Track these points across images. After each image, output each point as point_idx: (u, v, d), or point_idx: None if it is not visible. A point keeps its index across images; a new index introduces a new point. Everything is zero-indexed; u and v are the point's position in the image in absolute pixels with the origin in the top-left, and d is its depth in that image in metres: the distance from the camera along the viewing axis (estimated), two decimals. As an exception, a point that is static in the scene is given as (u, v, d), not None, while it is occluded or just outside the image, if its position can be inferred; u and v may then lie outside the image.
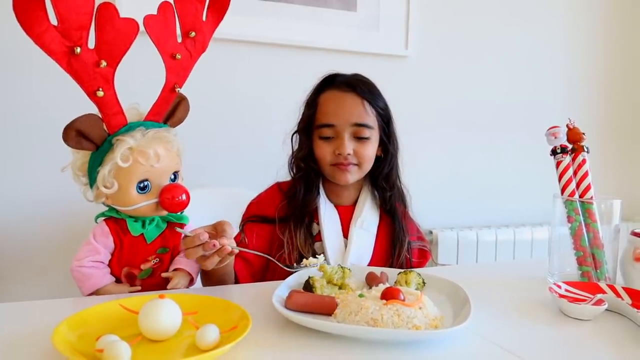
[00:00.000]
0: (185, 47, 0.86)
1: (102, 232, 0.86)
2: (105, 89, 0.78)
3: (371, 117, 1.06)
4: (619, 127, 2.18)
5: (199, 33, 0.87)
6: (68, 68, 0.75)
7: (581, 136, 0.95)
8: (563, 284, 0.83)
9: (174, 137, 0.86)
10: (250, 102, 1.63)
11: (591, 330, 0.72)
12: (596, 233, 0.90)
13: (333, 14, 1.69)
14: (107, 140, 0.81)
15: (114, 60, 0.78)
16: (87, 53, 0.75)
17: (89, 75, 0.76)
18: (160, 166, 0.82)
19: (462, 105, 1.94)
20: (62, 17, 0.72)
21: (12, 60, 1.38)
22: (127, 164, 0.79)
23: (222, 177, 1.60)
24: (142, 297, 0.70)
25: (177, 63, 0.85)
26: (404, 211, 1.14)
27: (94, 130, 0.79)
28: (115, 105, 0.81)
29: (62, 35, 0.72)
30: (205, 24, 0.88)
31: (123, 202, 0.83)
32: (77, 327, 0.62)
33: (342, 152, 1.04)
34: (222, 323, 0.62)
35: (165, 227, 0.89)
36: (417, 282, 0.83)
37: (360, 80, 1.09)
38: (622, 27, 2.15)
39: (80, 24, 0.73)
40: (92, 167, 0.83)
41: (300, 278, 0.84)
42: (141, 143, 0.81)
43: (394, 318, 0.65)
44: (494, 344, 0.65)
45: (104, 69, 0.77)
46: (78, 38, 0.74)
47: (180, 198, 0.83)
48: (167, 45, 0.84)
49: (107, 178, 0.80)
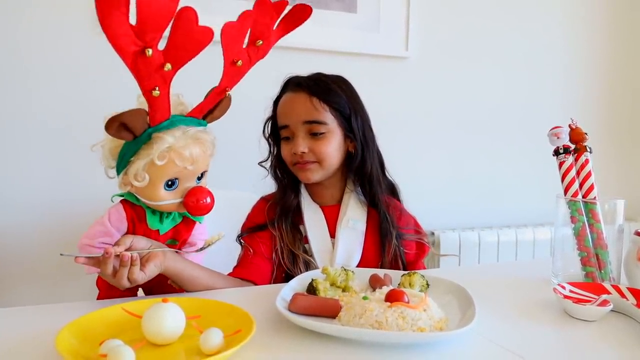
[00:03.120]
0: (248, 53, 0.85)
1: (118, 215, 0.84)
2: (162, 88, 0.76)
3: (323, 113, 1.05)
4: (619, 127, 2.18)
5: (265, 41, 0.86)
6: (132, 66, 0.72)
7: (584, 136, 0.95)
8: (567, 285, 0.83)
9: (212, 140, 0.86)
10: (248, 104, 1.62)
11: (596, 331, 0.71)
12: (600, 233, 0.89)
13: (333, 16, 1.69)
14: (147, 133, 0.78)
15: (179, 64, 0.76)
16: (155, 54, 0.73)
17: (150, 75, 0.74)
18: (193, 168, 0.82)
19: (463, 107, 1.94)
20: (142, 18, 0.69)
21: (11, 62, 1.38)
22: (163, 162, 0.78)
23: (223, 180, 1.59)
24: (145, 301, 0.70)
25: (236, 69, 0.84)
26: (394, 203, 1.13)
27: (139, 123, 0.77)
28: (165, 103, 0.78)
29: (137, 35, 0.70)
30: (274, 32, 0.88)
31: (148, 196, 0.81)
32: (80, 332, 0.62)
33: (295, 150, 1.05)
34: (226, 326, 0.62)
35: (180, 221, 0.89)
36: (420, 284, 0.82)
37: (312, 78, 1.09)
38: (620, 27, 2.15)
39: (158, 26, 0.70)
40: (125, 155, 0.80)
41: (304, 281, 0.83)
42: (180, 143, 0.79)
43: (398, 320, 0.65)
44: (499, 346, 0.65)
45: (167, 71, 0.75)
46: (151, 39, 0.71)
47: (204, 201, 0.82)
48: (233, 51, 0.82)
49: (140, 172, 0.79)
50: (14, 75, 1.39)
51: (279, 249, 1.04)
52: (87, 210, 1.38)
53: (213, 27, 0.75)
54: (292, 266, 1.03)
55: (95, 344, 0.58)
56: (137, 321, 0.62)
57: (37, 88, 1.41)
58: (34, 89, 1.41)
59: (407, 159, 1.85)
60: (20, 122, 1.40)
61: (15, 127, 1.40)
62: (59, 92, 1.43)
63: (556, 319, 0.76)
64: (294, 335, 0.66)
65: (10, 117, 1.40)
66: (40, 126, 1.41)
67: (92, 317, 0.66)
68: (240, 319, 0.65)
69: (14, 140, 1.40)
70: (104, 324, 0.65)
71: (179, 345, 0.63)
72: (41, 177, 1.42)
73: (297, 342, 0.65)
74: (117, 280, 0.75)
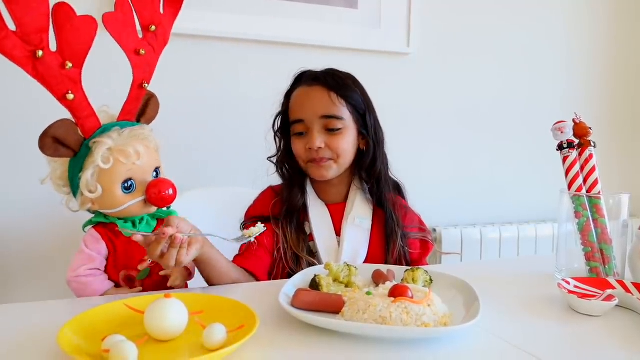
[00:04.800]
0: (148, 42, 0.85)
1: (93, 238, 0.85)
2: (74, 91, 0.77)
3: (340, 109, 1.03)
4: (622, 123, 2.17)
5: (159, 26, 0.86)
6: (34, 73, 0.73)
7: (588, 131, 0.94)
8: (572, 280, 0.83)
9: (150, 133, 0.86)
10: (250, 101, 1.62)
11: (601, 326, 0.71)
12: (604, 228, 0.89)
13: (334, 12, 1.68)
14: (84, 145, 0.80)
15: (79, 61, 0.77)
16: (50, 56, 0.74)
17: (56, 79, 0.75)
18: (141, 163, 0.82)
19: (465, 103, 1.93)
20: (19, 21, 0.70)
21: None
22: (109, 165, 0.79)
23: (223, 177, 1.59)
24: (148, 297, 0.69)
25: (142, 59, 0.84)
26: (400, 202, 1.12)
27: (70, 135, 0.78)
28: (87, 107, 0.79)
29: (22, 40, 0.71)
30: (164, 16, 0.88)
31: (110, 205, 0.82)
32: (82, 328, 0.61)
33: (312, 146, 1.02)
34: (229, 322, 0.62)
35: (155, 225, 0.88)
36: (424, 280, 0.82)
37: (328, 73, 1.07)
38: (623, 21, 2.14)
39: (39, 27, 0.71)
40: (73, 174, 0.81)
41: (306, 276, 0.83)
42: (119, 142, 0.80)
43: (402, 316, 0.64)
44: (504, 341, 0.65)
45: (70, 70, 0.75)
46: (39, 41, 0.72)
47: (167, 192, 0.82)
48: (129, 41, 0.83)
49: (90, 182, 0.79)
50: (15, 71, 1.38)
51: (282, 248, 1.03)
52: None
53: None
54: (295, 267, 1.01)
55: (98, 340, 0.57)
56: (139, 317, 0.62)
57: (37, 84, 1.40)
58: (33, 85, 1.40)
59: (409, 155, 1.84)
60: (20, 119, 1.39)
61: (17, 123, 1.39)
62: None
63: (560, 314, 0.75)
64: (297, 331, 0.66)
65: (12, 113, 1.39)
66: (40, 122, 1.40)
67: (94, 313, 0.66)
68: (243, 315, 0.65)
69: (13, 138, 1.40)
70: (106, 319, 0.65)
71: (182, 340, 0.62)
72: (44, 172, 1.42)
73: (301, 337, 0.65)
74: (166, 261, 0.76)
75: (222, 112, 1.59)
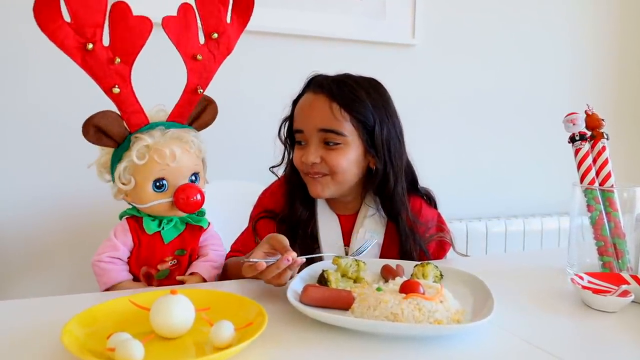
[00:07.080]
0: (208, 48, 0.86)
1: (122, 229, 0.87)
2: (122, 86, 0.79)
3: (342, 123, 0.93)
4: (631, 114, 2.14)
5: (223, 35, 0.87)
6: (83, 64, 0.76)
7: (600, 122, 0.92)
8: (585, 275, 0.81)
9: (193, 137, 0.86)
10: (255, 94, 1.60)
11: (617, 322, 0.70)
12: (617, 222, 0.87)
13: (338, 3, 1.65)
14: (127, 138, 0.82)
15: (129, 58, 0.79)
16: (101, 50, 0.77)
17: (103, 72, 0.78)
18: (176, 166, 0.82)
19: (470, 95, 1.91)
20: (75, 14, 0.74)
21: (14, 54, 1.36)
22: (143, 162, 0.80)
23: (233, 171, 1.57)
24: (153, 293, 0.68)
25: (199, 64, 0.86)
26: (414, 204, 1.05)
27: (114, 127, 0.81)
28: (134, 103, 0.82)
29: (76, 32, 0.74)
30: (230, 26, 0.88)
31: (140, 199, 0.84)
32: (86, 325, 0.60)
33: (305, 160, 0.95)
34: (237, 319, 0.60)
35: (184, 229, 0.89)
36: (434, 275, 0.80)
37: (336, 80, 0.96)
38: (629, 10, 2.11)
39: (94, 22, 0.75)
40: (113, 164, 0.84)
41: (314, 272, 0.81)
42: (158, 141, 0.82)
43: (414, 312, 0.63)
44: (518, 337, 0.63)
45: (119, 65, 0.78)
46: (92, 35, 0.75)
47: (194, 198, 0.83)
48: (188, 46, 0.84)
49: (123, 174, 0.82)
50: (16, 67, 1.36)
51: None
52: (94, 203, 1.36)
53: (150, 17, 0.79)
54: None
55: (103, 337, 0.56)
56: (145, 314, 0.60)
57: (41, 79, 1.38)
58: (37, 80, 1.38)
59: (413, 148, 1.80)
60: (24, 115, 1.38)
61: (20, 119, 1.38)
62: (61, 84, 1.40)
63: (574, 310, 0.74)
64: (307, 328, 0.65)
65: (15, 110, 1.37)
66: (45, 119, 1.38)
67: (99, 309, 0.64)
68: (251, 311, 0.64)
69: (18, 134, 1.38)
70: (111, 316, 0.64)
71: (189, 338, 0.61)
72: (49, 168, 1.40)
73: (310, 334, 0.63)
74: (279, 280, 0.76)
75: (226, 106, 1.56)
